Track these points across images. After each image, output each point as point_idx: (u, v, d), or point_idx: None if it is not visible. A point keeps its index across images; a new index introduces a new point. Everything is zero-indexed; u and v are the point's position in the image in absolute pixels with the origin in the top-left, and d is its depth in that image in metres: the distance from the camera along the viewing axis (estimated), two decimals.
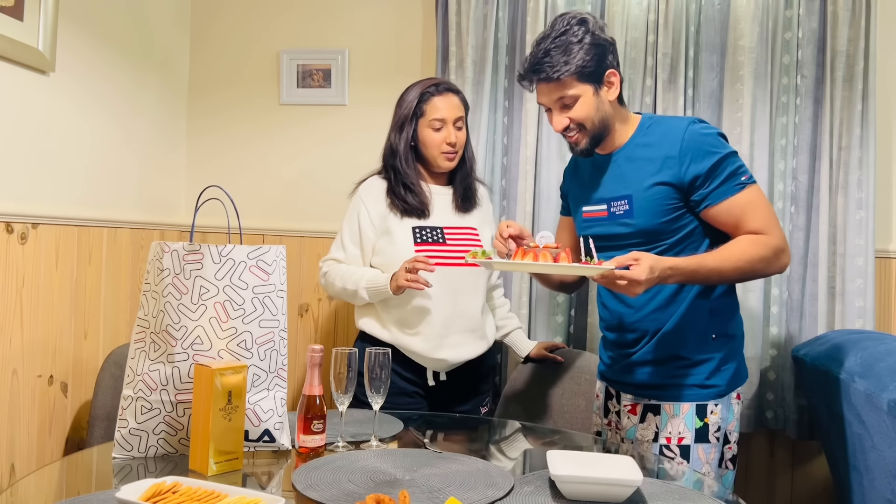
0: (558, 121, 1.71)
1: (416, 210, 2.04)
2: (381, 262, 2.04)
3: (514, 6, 2.53)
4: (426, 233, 2.04)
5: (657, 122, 1.75)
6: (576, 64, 1.63)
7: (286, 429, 1.51)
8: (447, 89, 2.07)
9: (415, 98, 2.05)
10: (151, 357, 1.47)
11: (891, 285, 2.41)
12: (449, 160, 2.06)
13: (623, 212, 1.71)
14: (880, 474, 1.73)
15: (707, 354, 1.70)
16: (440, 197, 2.11)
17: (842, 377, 1.86)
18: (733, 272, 1.61)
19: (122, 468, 1.41)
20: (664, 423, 1.70)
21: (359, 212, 2.07)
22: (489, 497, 1.24)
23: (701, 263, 1.59)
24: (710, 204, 1.64)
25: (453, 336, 2.03)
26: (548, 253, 1.55)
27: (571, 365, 2.28)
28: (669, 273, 1.55)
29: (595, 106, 1.68)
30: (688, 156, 1.63)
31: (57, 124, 2.12)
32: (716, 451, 1.69)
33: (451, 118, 2.04)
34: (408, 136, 2.05)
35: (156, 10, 2.60)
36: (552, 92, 1.68)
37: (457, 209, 2.11)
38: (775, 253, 1.62)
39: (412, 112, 2.05)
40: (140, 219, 2.50)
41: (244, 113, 2.79)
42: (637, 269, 1.49)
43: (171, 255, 1.46)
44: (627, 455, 1.47)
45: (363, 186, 2.11)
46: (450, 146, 2.04)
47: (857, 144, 2.30)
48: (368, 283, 2.01)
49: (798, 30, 2.37)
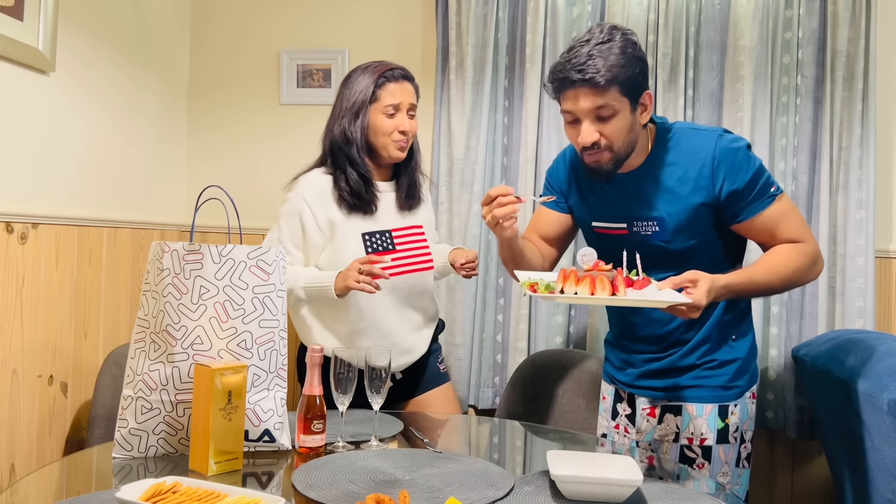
0: (588, 133, 1.55)
1: (366, 205, 1.93)
2: (328, 267, 1.93)
3: (514, 6, 2.53)
4: (376, 240, 1.94)
5: (679, 136, 1.66)
6: (623, 73, 1.51)
7: (286, 429, 1.51)
8: (403, 76, 1.96)
9: (370, 83, 1.92)
10: (151, 357, 1.47)
11: (891, 285, 2.41)
12: (400, 149, 1.95)
13: (652, 233, 1.66)
14: (880, 474, 1.73)
15: (731, 356, 1.70)
16: (383, 195, 1.99)
17: (842, 377, 1.86)
18: (780, 283, 1.60)
19: (122, 468, 1.40)
20: (685, 423, 1.69)
21: (301, 214, 1.91)
22: (489, 497, 1.24)
23: (751, 279, 1.56)
24: (745, 219, 1.62)
25: (407, 341, 1.98)
26: (605, 279, 1.41)
27: (572, 365, 2.28)
28: (724, 292, 1.51)
29: (629, 126, 1.57)
30: (721, 172, 1.59)
31: (57, 124, 2.12)
32: (734, 450, 1.69)
33: (406, 105, 1.94)
34: (363, 123, 1.92)
35: (156, 10, 2.60)
36: (591, 99, 1.52)
37: (401, 207, 2.01)
38: (813, 260, 1.62)
39: (368, 97, 1.92)
40: (140, 219, 2.50)
41: (244, 113, 2.79)
42: (697, 293, 1.44)
43: (171, 254, 1.46)
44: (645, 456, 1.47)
45: (304, 184, 1.95)
46: (402, 134, 1.93)
47: (857, 144, 2.31)
48: (307, 281, 1.89)
49: (798, 30, 2.37)
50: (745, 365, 1.71)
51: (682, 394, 1.70)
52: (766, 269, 1.59)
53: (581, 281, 1.42)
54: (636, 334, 1.77)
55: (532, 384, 2.31)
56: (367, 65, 1.98)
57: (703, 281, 1.46)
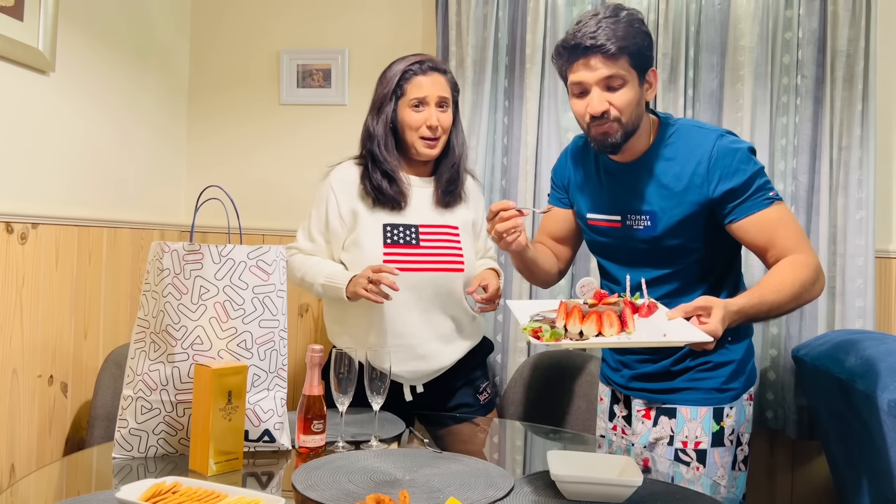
0: (599, 101, 1.54)
1: (391, 201, 1.86)
2: (349, 260, 1.88)
3: (514, 6, 2.53)
4: (398, 232, 1.85)
5: (680, 132, 1.65)
6: (633, 44, 1.52)
7: (286, 429, 1.51)
8: (431, 67, 1.87)
9: (396, 75, 1.85)
10: (151, 357, 1.47)
11: (891, 285, 2.41)
12: (429, 147, 1.86)
13: (644, 227, 1.65)
14: (880, 474, 1.73)
15: (726, 358, 1.68)
16: (419, 190, 1.91)
17: (842, 377, 1.86)
18: (789, 300, 1.52)
19: (122, 468, 1.41)
20: (680, 426, 1.67)
21: (327, 201, 1.90)
22: (489, 497, 1.24)
23: (762, 300, 1.50)
24: (737, 218, 1.58)
25: (424, 347, 1.87)
26: (612, 313, 1.36)
27: (572, 366, 2.28)
28: (738, 318, 1.45)
29: (637, 99, 1.56)
30: (717, 173, 1.57)
31: (57, 124, 2.12)
32: (730, 453, 1.67)
33: (434, 98, 1.84)
34: (387, 117, 1.85)
35: (156, 9, 2.60)
36: (602, 67, 1.52)
37: (436, 204, 1.91)
38: (816, 272, 1.56)
39: (392, 91, 1.85)
40: (140, 219, 2.50)
41: (244, 113, 2.79)
42: (713, 323, 1.38)
43: (171, 255, 1.46)
44: (641, 458, 1.47)
45: (335, 173, 1.93)
46: (429, 129, 1.84)
47: (857, 144, 2.30)
48: (326, 278, 1.85)
49: (798, 30, 2.37)
50: (741, 367, 1.69)
51: (676, 396, 1.68)
52: (774, 286, 1.52)
53: (587, 319, 1.37)
54: None
55: (532, 385, 2.31)
56: (401, 57, 1.91)
57: (717, 308, 1.40)
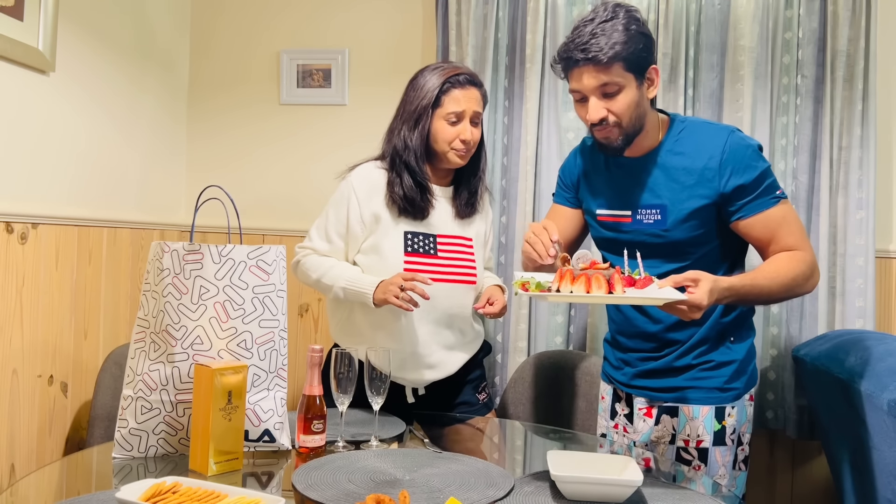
0: (596, 109, 1.58)
1: (420, 212, 1.88)
2: (366, 263, 1.88)
3: (514, 6, 2.53)
4: (418, 241, 1.88)
5: (691, 127, 1.68)
6: (626, 49, 1.54)
7: (286, 429, 1.51)
8: (469, 81, 1.88)
9: (435, 87, 1.85)
10: (151, 357, 1.47)
11: (891, 285, 2.41)
12: (460, 157, 1.89)
13: (654, 221, 1.66)
14: (880, 474, 1.73)
15: (728, 357, 1.69)
16: (439, 199, 1.94)
17: (842, 377, 1.86)
18: (780, 290, 1.58)
19: (122, 468, 1.41)
20: (682, 425, 1.68)
21: (349, 203, 1.88)
22: (489, 497, 1.24)
23: (754, 283, 1.55)
24: (745, 215, 1.61)
25: (434, 356, 1.89)
26: (601, 277, 1.38)
27: (572, 366, 2.28)
28: (726, 294, 1.49)
29: (636, 101, 1.59)
30: (728, 167, 1.60)
31: (57, 124, 2.12)
32: (731, 453, 1.68)
33: (470, 113, 1.86)
34: (424, 129, 1.86)
35: (156, 10, 2.60)
36: (596, 76, 1.56)
37: (456, 215, 1.95)
38: (811, 269, 1.61)
39: (431, 103, 1.86)
40: (140, 219, 2.50)
41: (244, 112, 2.79)
42: (698, 293, 1.42)
43: (171, 254, 1.46)
44: (642, 457, 1.47)
45: (358, 174, 1.91)
46: (463, 143, 1.87)
47: (857, 144, 2.30)
48: (348, 282, 1.84)
49: (798, 30, 2.37)
50: (743, 367, 1.71)
51: (678, 395, 1.70)
52: (768, 273, 1.57)
53: (577, 280, 1.40)
54: (630, 331, 1.76)
55: (532, 384, 2.31)
56: (435, 66, 1.91)
57: (705, 281, 1.44)
